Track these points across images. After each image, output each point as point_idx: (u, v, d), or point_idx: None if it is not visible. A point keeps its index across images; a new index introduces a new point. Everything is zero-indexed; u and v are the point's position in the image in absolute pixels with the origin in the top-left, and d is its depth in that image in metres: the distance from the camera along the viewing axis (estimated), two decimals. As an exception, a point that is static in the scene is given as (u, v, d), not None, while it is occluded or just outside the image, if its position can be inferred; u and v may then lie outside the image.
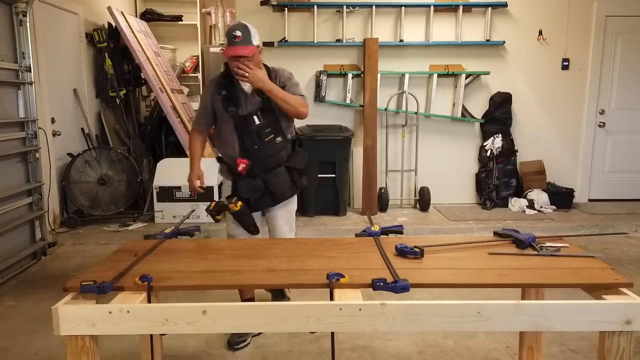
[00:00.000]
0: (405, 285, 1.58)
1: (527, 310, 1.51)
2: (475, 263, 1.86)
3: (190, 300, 1.72)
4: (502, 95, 5.67)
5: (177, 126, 5.47)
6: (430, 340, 2.86)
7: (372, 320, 1.50)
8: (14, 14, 4.07)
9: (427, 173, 5.72)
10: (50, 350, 2.80)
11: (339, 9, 5.47)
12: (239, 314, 1.52)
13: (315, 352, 2.76)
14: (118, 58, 5.85)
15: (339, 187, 5.25)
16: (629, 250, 4.54)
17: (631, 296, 1.55)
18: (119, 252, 2.02)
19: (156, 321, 1.51)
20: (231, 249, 2.06)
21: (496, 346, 2.80)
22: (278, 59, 5.58)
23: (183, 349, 2.80)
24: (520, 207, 5.48)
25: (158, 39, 6.67)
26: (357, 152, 5.54)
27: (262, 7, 5.45)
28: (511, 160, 5.68)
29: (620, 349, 1.52)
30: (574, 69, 5.73)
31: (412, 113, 5.61)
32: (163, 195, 4.96)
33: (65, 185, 4.92)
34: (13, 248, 4.04)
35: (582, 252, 1.91)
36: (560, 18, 5.63)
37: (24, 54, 4.15)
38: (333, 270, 1.67)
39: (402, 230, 2.20)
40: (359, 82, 5.62)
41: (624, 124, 5.86)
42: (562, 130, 5.83)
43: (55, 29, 4.92)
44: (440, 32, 5.56)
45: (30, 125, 4.24)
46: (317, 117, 5.66)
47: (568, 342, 2.82)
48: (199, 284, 1.72)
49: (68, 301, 1.57)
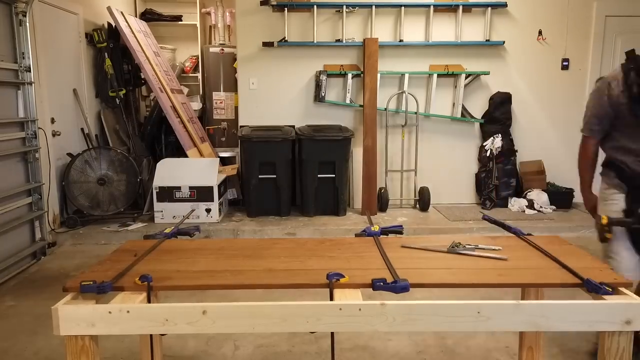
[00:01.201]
0: (405, 285, 1.58)
1: (527, 310, 1.51)
2: (475, 263, 1.86)
3: (190, 300, 1.72)
4: (501, 95, 5.67)
5: (177, 126, 5.47)
6: (430, 340, 2.86)
7: (371, 320, 1.50)
8: (13, 14, 4.07)
9: (426, 173, 5.73)
10: (50, 350, 2.80)
11: (339, 9, 5.47)
12: (239, 314, 1.52)
13: (315, 352, 2.76)
14: (118, 58, 5.85)
15: (338, 187, 5.25)
16: (629, 250, 4.53)
17: (631, 296, 1.55)
18: (118, 252, 2.02)
19: (156, 321, 1.51)
20: (231, 249, 2.06)
21: (496, 346, 2.80)
22: (278, 59, 5.62)
23: (183, 349, 2.80)
24: (520, 207, 5.49)
25: (158, 39, 6.68)
26: (357, 152, 5.54)
27: (262, 7, 5.45)
28: (511, 160, 5.69)
29: (620, 349, 1.52)
30: (574, 69, 5.73)
31: (412, 113, 5.61)
32: (163, 195, 4.96)
33: (65, 185, 4.92)
34: (13, 248, 4.04)
35: (498, 255, 1.90)
36: (560, 18, 5.63)
37: (23, 54, 4.15)
38: (333, 270, 1.67)
39: (402, 230, 2.20)
40: (358, 82, 5.62)
41: (624, 124, 5.86)
42: (562, 130, 5.83)
43: (55, 29, 4.91)
44: (440, 32, 5.57)
45: (30, 125, 4.24)
46: (317, 117, 5.68)
47: (568, 342, 2.82)
48: (199, 284, 1.72)
49: (68, 301, 1.57)
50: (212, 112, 6.87)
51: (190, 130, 5.69)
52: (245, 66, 5.64)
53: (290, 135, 5.19)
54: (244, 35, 5.59)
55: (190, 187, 4.94)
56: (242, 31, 5.60)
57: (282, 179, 5.20)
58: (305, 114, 5.70)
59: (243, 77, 5.68)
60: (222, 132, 6.83)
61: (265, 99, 5.68)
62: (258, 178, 5.16)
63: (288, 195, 5.31)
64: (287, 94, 5.68)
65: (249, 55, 5.61)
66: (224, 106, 6.85)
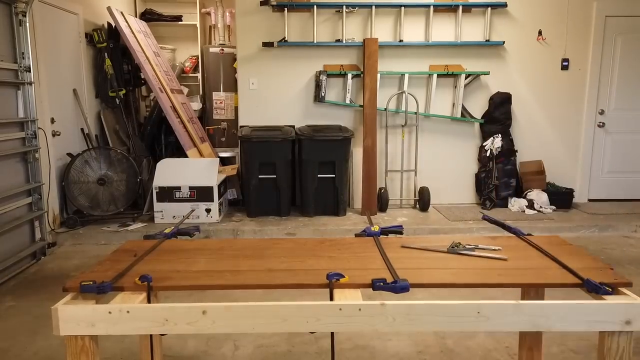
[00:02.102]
0: (405, 285, 1.58)
1: (527, 310, 1.51)
2: (474, 263, 1.86)
3: (190, 300, 1.71)
4: (501, 96, 5.67)
5: (177, 126, 5.47)
6: (430, 340, 2.86)
7: (371, 320, 1.50)
8: (13, 14, 4.07)
9: (426, 173, 5.73)
10: (50, 350, 2.80)
11: (339, 9, 5.47)
12: (239, 314, 1.52)
13: (315, 352, 2.76)
14: (118, 58, 5.85)
15: (338, 187, 5.25)
16: (629, 250, 4.54)
17: (631, 296, 1.55)
18: (118, 252, 2.02)
19: (156, 321, 1.51)
20: (231, 249, 2.06)
21: (496, 346, 2.80)
22: (278, 60, 5.62)
23: (183, 349, 2.80)
24: (520, 207, 5.48)
25: (158, 39, 6.68)
26: (356, 152, 5.54)
27: (262, 7, 5.45)
28: (511, 160, 5.69)
29: (620, 349, 1.52)
30: (574, 69, 5.73)
31: (412, 113, 5.61)
32: (163, 195, 4.96)
33: (65, 185, 4.92)
34: (13, 248, 4.04)
35: (498, 255, 1.90)
36: (560, 18, 5.63)
37: (23, 54, 4.15)
38: (333, 270, 1.67)
39: (402, 230, 2.20)
40: (358, 82, 5.62)
41: (624, 124, 5.87)
42: (561, 131, 5.83)
43: (54, 29, 4.91)
44: (439, 32, 5.57)
45: (29, 125, 4.24)
46: (317, 117, 5.68)
47: (568, 342, 2.82)
48: (199, 284, 1.72)
49: (68, 301, 1.57)
50: (212, 112, 6.87)
51: (190, 130, 5.70)
52: (245, 66, 5.64)
53: (290, 135, 5.19)
54: (244, 36, 5.59)
55: (190, 187, 4.94)
56: (242, 31, 5.60)
57: (282, 179, 5.20)
58: (305, 114, 5.70)
59: (243, 77, 5.68)
60: (222, 132, 6.84)
61: (265, 99, 5.68)
62: (258, 178, 5.16)
63: (288, 195, 5.31)
64: (287, 94, 5.68)
65: (248, 55, 5.61)
66: (224, 106, 6.86)
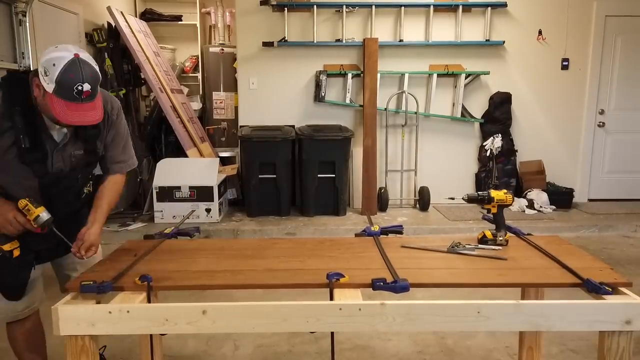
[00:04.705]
0: (405, 285, 1.58)
1: (527, 310, 1.51)
2: (474, 263, 1.86)
3: (190, 300, 1.72)
4: (501, 95, 5.67)
5: (177, 126, 5.47)
6: (430, 340, 2.86)
7: (371, 320, 1.50)
8: (13, 13, 4.07)
9: (426, 173, 5.73)
10: (50, 350, 2.80)
11: (339, 9, 5.47)
12: (239, 314, 1.52)
13: (315, 352, 2.76)
14: (118, 58, 5.85)
15: (338, 187, 5.25)
16: (629, 250, 4.54)
17: (631, 296, 1.55)
18: (118, 252, 2.02)
19: (156, 321, 1.51)
20: (231, 249, 2.06)
21: (496, 346, 2.80)
22: (278, 59, 5.62)
23: (183, 349, 2.80)
24: (520, 207, 5.48)
25: (158, 39, 6.68)
26: (356, 152, 5.54)
27: (262, 7, 5.45)
28: (511, 160, 5.69)
29: (620, 349, 1.52)
30: (574, 69, 5.73)
31: (412, 113, 5.61)
32: (163, 195, 4.95)
33: (65, 185, 4.91)
34: (13, 248, 4.03)
35: (498, 255, 1.91)
36: (560, 18, 5.63)
37: (23, 54, 4.15)
38: (333, 270, 1.66)
39: (402, 230, 2.20)
40: (358, 82, 5.62)
41: (624, 124, 5.87)
42: (561, 130, 5.83)
43: (55, 29, 4.91)
44: (439, 32, 5.56)
45: (29, 125, 4.23)
46: (317, 117, 5.68)
47: (568, 342, 2.82)
48: (199, 284, 1.72)
49: (68, 301, 1.57)
50: (212, 112, 6.87)
51: (190, 130, 5.69)
52: (245, 66, 5.64)
53: (290, 135, 5.19)
54: (244, 35, 5.59)
55: (190, 187, 4.94)
56: (242, 31, 5.60)
57: (282, 179, 5.20)
58: (305, 114, 5.70)
59: (243, 77, 5.68)
60: (222, 132, 6.84)
61: (265, 99, 5.68)
62: (258, 178, 5.16)
63: (288, 195, 5.31)
64: (287, 94, 5.68)
65: (249, 55, 5.61)
66: (224, 106, 6.86)
